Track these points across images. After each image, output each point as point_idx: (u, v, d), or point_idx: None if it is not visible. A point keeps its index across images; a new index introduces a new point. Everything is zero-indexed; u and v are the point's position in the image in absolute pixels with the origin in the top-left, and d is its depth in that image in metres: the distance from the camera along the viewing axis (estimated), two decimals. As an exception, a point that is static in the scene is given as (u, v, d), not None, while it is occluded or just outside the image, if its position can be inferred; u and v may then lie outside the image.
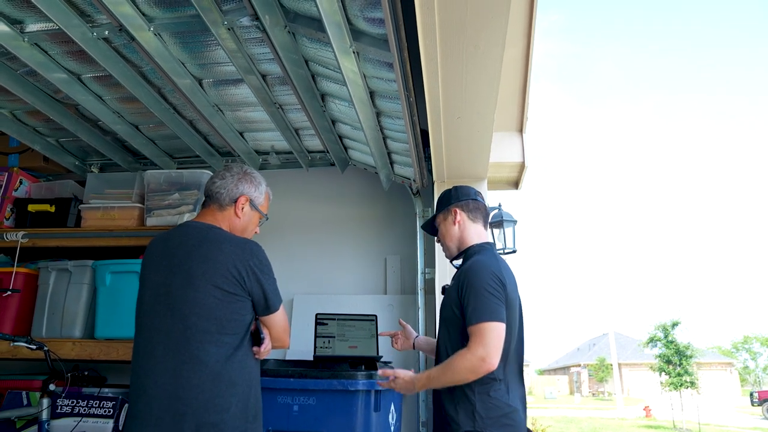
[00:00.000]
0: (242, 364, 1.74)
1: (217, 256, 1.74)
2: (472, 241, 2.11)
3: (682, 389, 18.50)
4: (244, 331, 1.77)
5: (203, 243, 1.78)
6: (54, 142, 3.28)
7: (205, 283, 1.71)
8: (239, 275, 1.74)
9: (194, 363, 1.66)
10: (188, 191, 3.01)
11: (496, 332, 1.79)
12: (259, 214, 2.02)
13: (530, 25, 3.16)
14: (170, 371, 1.66)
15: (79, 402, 2.60)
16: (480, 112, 2.38)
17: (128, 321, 2.68)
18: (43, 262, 3.03)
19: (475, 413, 1.81)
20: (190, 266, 1.74)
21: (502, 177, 4.07)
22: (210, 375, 1.66)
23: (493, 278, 1.87)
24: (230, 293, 1.73)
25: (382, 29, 1.89)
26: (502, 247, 4.08)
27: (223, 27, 2.08)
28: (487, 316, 1.80)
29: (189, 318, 1.69)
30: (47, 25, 2.14)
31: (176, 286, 1.73)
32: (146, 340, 1.74)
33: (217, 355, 1.68)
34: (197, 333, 1.68)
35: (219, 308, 1.71)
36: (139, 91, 2.56)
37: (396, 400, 2.62)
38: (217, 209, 1.92)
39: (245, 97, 2.70)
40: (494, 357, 1.77)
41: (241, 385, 1.71)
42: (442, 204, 2.21)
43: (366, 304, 3.22)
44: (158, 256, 1.83)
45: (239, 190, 1.94)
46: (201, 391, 1.64)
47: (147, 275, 1.83)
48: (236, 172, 1.97)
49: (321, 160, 3.48)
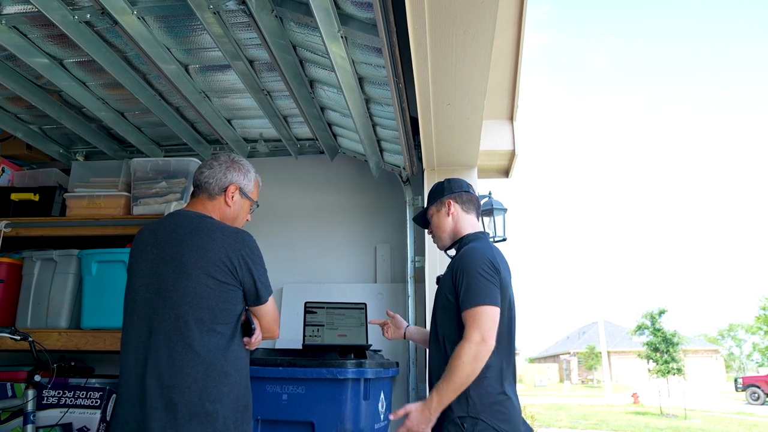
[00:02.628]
0: (234, 355, 1.74)
1: (210, 245, 1.74)
2: (466, 231, 2.13)
3: (669, 376, 18.73)
4: (236, 321, 1.77)
5: (195, 232, 1.77)
6: (37, 130, 3.21)
7: (198, 272, 1.71)
8: (231, 265, 1.74)
9: (187, 352, 1.66)
10: (175, 179, 2.97)
11: (490, 315, 1.81)
12: (250, 201, 2.02)
13: (521, 12, 3.12)
14: (163, 360, 1.65)
15: (65, 393, 2.58)
16: (470, 98, 2.36)
17: (115, 311, 2.67)
18: (27, 251, 2.98)
19: (468, 399, 1.81)
20: (182, 255, 1.73)
21: (492, 165, 4.05)
22: (203, 365, 1.66)
23: (486, 263, 1.88)
24: (222, 282, 1.73)
25: (370, 13, 1.86)
26: (492, 235, 4.08)
27: (209, 11, 2.03)
28: (482, 300, 1.82)
29: (181, 307, 1.69)
30: (26, 7, 2.08)
31: (168, 275, 1.73)
32: (137, 329, 1.72)
33: (209, 344, 1.68)
34: (190, 322, 1.68)
35: (211, 297, 1.71)
36: (124, 76, 2.51)
37: (386, 389, 2.62)
38: (206, 198, 1.91)
39: (232, 83, 2.66)
40: (491, 338, 1.79)
41: (233, 375, 1.71)
42: (435, 196, 2.23)
43: (356, 292, 3.21)
44: (148, 245, 1.81)
45: (228, 179, 1.93)
46: (194, 381, 1.64)
47: (136, 264, 1.81)
48: (224, 161, 1.95)
49: (310, 148, 3.44)
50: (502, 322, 1.87)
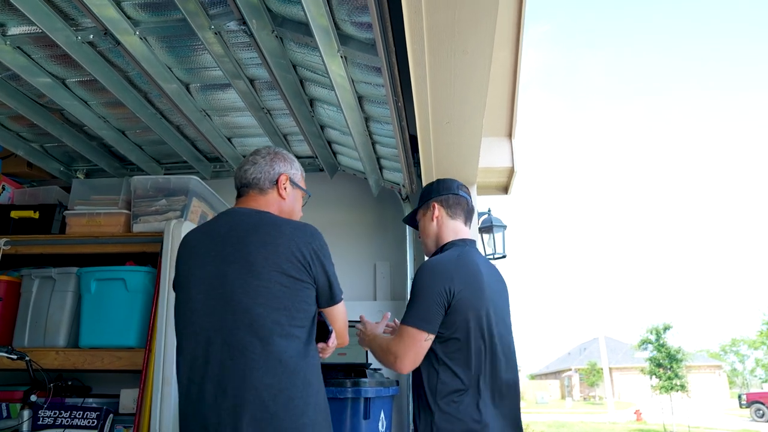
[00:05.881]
0: (313, 360, 1.56)
1: (279, 239, 1.55)
2: (448, 238, 1.98)
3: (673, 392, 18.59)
4: (311, 324, 1.59)
5: (260, 227, 1.59)
6: (38, 148, 3.23)
7: (269, 270, 1.51)
8: (304, 259, 1.56)
9: (267, 360, 1.45)
10: (175, 197, 2.97)
11: (415, 339, 1.72)
12: (302, 191, 1.88)
13: (518, 31, 3.16)
14: (239, 375, 1.44)
15: (61, 413, 2.55)
16: (469, 117, 2.37)
17: (114, 329, 2.67)
18: (26, 269, 2.97)
19: (432, 424, 1.69)
20: (249, 253, 1.53)
21: (491, 182, 4.07)
22: (287, 373, 1.45)
23: (435, 284, 1.75)
24: (297, 279, 1.54)
25: (369, 33, 1.88)
26: (491, 252, 4.08)
27: (210, 31, 2.06)
28: (412, 320, 1.74)
29: (254, 309, 1.48)
30: (30, 29, 2.11)
31: (233, 276, 1.52)
32: (198, 343, 1.51)
33: (290, 350, 1.48)
34: (266, 326, 1.47)
35: (287, 296, 1.52)
36: (126, 95, 2.53)
37: (386, 408, 2.60)
38: (258, 194, 1.74)
39: (233, 102, 2.68)
40: (405, 361, 1.73)
41: (316, 384, 1.53)
42: (423, 198, 2.10)
43: (355, 310, 3.18)
44: (202, 249, 1.61)
45: (276, 170, 1.77)
46: (279, 391, 1.43)
47: (192, 273, 1.60)
48: (266, 154, 1.80)
49: (310, 166, 3.46)
50: (468, 341, 1.73)
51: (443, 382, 1.72)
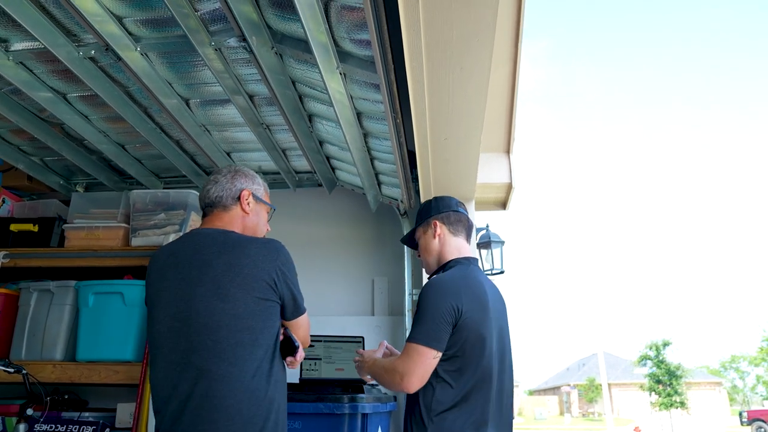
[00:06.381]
0: (276, 377, 1.60)
1: (244, 260, 1.60)
2: (452, 256, 1.98)
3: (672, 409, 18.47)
4: (275, 340, 1.63)
5: (224, 249, 1.62)
6: (38, 161, 3.24)
7: (236, 292, 1.56)
8: (271, 279, 1.61)
9: (228, 381, 1.50)
10: (174, 211, 2.98)
11: (423, 357, 1.69)
12: (265, 205, 1.92)
13: (516, 47, 3.19)
14: (201, 394, 1.49)
15: (57, 427, 2.53)
16: (467, 133, 2.39)
17: (111, 343, 2.66)
18: (24, 282, 2.97)
19: None
20: (215, 275, 1.58)
21: (489, 198, 4.08)
22: (246, 393, 1.51)
23: (444, 302, 1.73)
24: (264, 299, 1.59)
25: (368, 51, 1.91)
26: (490, 268, 4.08)
27: (210, 48, 2.08)
28: (420, 338, 1.71)
29: (218, 332, 1.53)
30: (33, 44, 2.13)
31: (198, 299, 1.56)
32: (168, 363, 1.56)
33: (252, 370, 1.53)
34: (229, 348, 1.52)
35: (252, 317, 1.56)
36: (126, 110, 2.55)
37: (383, 423, 2.58)
38: (222, 211, 1.79)
39: (232, 117, 2.70)
40: (412, 379, 1.69)
41: (278, 401, 1.58)
42: (422, 216, 2.09)
43: (353, 325, 3.19)
44: (168, 270, 1.66)
45: (237, 186, 1.83)
46: (237, 412, 1.48)
47: (158, 293, 1.65)
48: (227, 173, 1.86)
49: (308, 181, 3.47)
50: (471, 361, 1.73)
51: (438, 399, 1.71)
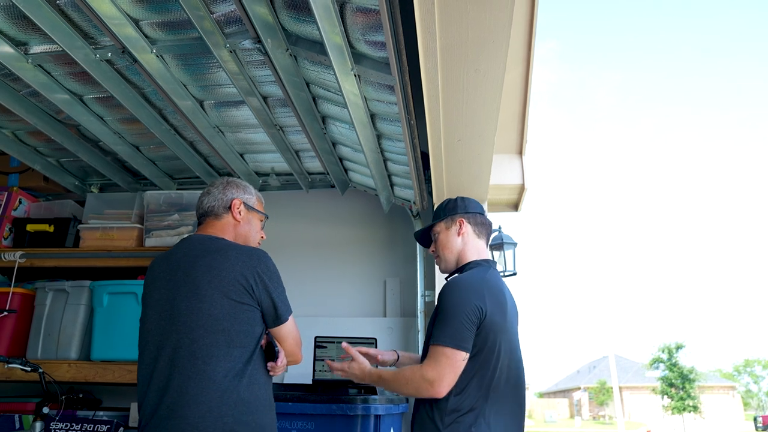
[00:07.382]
0: (251, 379, 1.63)
1: (223, 264, 1.67)
2: (472, 257, 1.95)
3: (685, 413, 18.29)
4: (254, 344, 1.68)
5: (208, 253, 1.71)
6: (54, 162, 3.28)
7: (212, 293, 1.64)
8: (247, 283, 1.67)
9: (200, 379, 1.56)
10: (188, 212, 3.00)
11: (452, 360, 1.67)
12: (258, 214, 1.98)
13: (529, 49, 3.19)
14: (176, 389, 1.57)
15: (73, 425, 2.56)
16: (480, 135, 2.38)
17: (125, 342, 2.69)
18: (40, 282, 3.00)
19: None
20: (195, 277, 1.66)
21: (502, 199, 4.07)
22: (218, 392, 1.56)
23: (469, 302, 1.71)
24: (239, 302, 1.65)
25: (383, 52, 1.91)
26: (502, 270, 4.06)
27: (225, 49, 2.09)
28: (448, 341, 1.68)
29: (195, 331, 1.61)
30: (51, 47, 2.15)
31: (181, 299, 1.66)
32: (151, 359, 1.65)
33: (224, 369, 1.59)
34: (204, 347, 1.59)
35: (227, 319, 1.62)
36: (141, 112, 2.57)
37: (396, 425, 2.58)
38: (214, 220, 1.88)
39: (246, 118, 2.71)
40: (443, 384, 1.66)
41: (252, 403, 1.61)
42: (446, 212, 2.03)
43: (365, 326, 3.19)
44: (161, 273, 1.76)
45: (229, 196, 1.91)
46: (208, 410, 1.54)
47: (150, 294, 1.76)
48: (219, 184, 1.95)
49: (321, 182, 3.48)
50: (493, 364, 1.72)
51: (451, 400, 1.69)
